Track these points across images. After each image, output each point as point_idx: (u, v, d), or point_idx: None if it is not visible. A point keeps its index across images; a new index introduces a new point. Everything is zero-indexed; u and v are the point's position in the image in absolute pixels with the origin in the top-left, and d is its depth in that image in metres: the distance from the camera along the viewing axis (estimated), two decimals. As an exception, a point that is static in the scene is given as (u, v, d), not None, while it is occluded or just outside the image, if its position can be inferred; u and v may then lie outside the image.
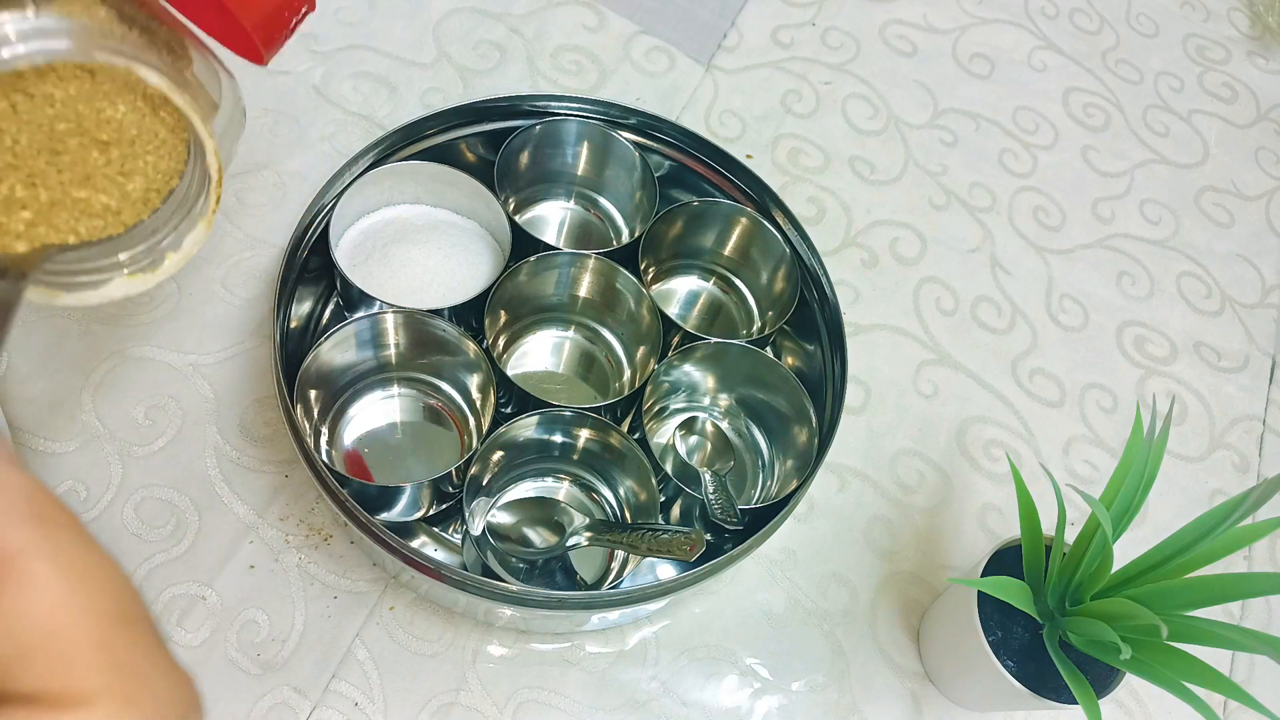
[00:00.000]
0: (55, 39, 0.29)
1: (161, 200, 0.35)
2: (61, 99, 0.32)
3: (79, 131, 0.32)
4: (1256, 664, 0.63)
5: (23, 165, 0.31)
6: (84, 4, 0.30)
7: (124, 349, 0.58)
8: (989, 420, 0.67)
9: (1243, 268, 0.80)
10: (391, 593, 0.54)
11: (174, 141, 0.35)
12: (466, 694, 0.52)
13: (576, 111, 0.64)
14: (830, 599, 0.59)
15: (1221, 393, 0.73)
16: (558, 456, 0.57)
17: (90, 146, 0.33)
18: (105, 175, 0.34)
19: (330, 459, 0.55)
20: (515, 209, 0.66)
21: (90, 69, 0.31)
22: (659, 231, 0.62)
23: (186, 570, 0.53)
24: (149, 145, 0.34)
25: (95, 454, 0.55)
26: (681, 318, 0.65)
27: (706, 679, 0.55)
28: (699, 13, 0.81)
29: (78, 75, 0.31)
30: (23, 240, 0.32)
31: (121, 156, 0.34)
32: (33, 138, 0.31)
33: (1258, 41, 0.94)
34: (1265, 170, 0.86)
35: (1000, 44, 0.87)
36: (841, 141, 0.78)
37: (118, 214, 0.34)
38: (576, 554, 0.55)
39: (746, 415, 0.62)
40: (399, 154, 0.60)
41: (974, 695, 0.55)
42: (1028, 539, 0.50)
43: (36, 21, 0.29)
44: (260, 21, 0.34)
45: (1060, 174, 0.81)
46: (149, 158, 0.35)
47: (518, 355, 0.62)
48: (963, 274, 0.73)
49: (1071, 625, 0.48)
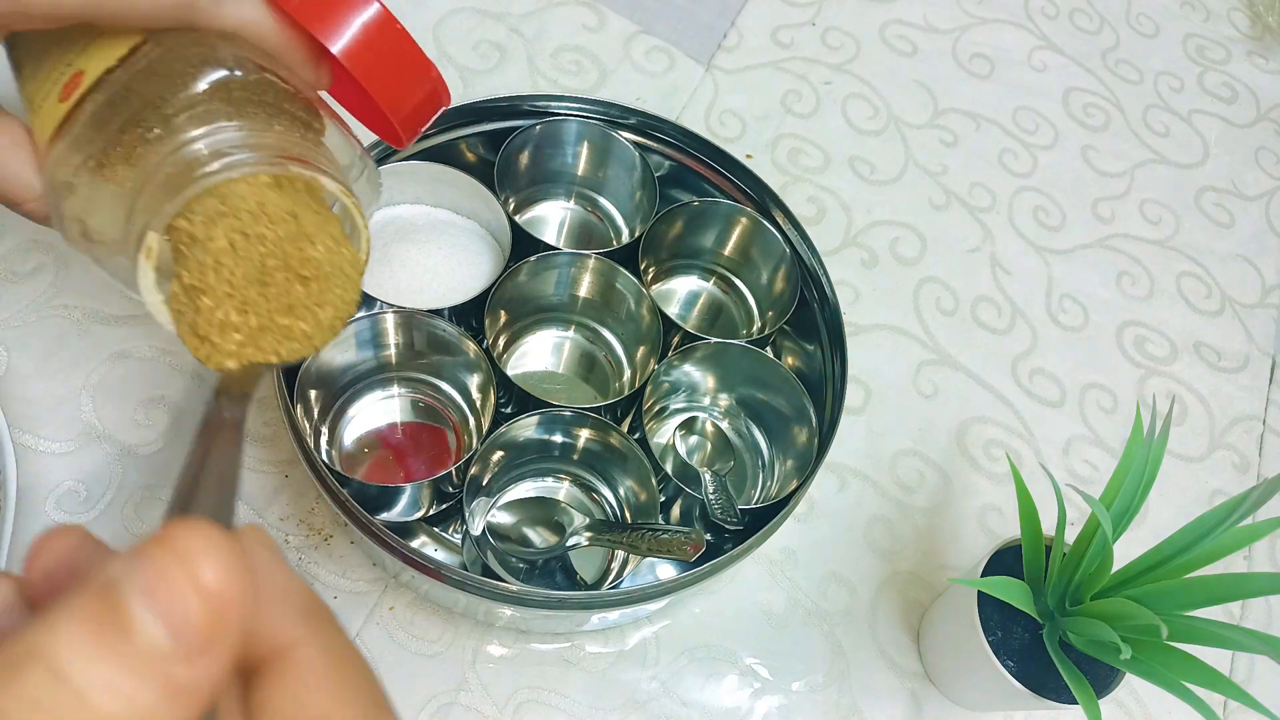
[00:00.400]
0: (244, 151, 0.34)
1: (343, 325, 0.40)
2: (272, 239, 0.37)
3: (285, 268, 0.37)
4: (1256, 664, 0.63)
5: (237, 294, 0.36)
6: (265, 117, 0.35)
7: (124, 349, 0.58)
8: (989, 420, 0.67)
9: (1243, 268, 0.80)
10: (391, 593, 0.54)
11: (355, 276, 0.41)
12: (466, 694, 0.52)
13: (576, 111, 0.64)
14: (830, 599, 0.59)
15: (1221, 393, 0.73)
16: (558, 456, 0.57)
17: (294, 280, 0.38)
18: (304, 305, 0.39)
19: (330, 459, 0.55)
20: (515, 209, 0.66)
21: (295, 213, 0.37)
22: (659, 231, 0.62)
23: (186, 570, 0.53)
24: (338, 280, 0.40)
25: (95, 454, 0.55)
26: (681, 318, 0.65)
27: (706, 679, 0.55)
28: (699, 13, 0.81)
29: (286, 219, 0.37)
30: (233, 359, 0.37)
31: (319, 289, 0.39)
32: (247, 272, 0.36)
33: (1258, 41, 0.94)
34: (1265, 170, 0.86)
35: (1000, 44, 0.87)
36: (841, 141, 0.78)
37: (311, 338, 0.39)
38: (576, 554, 0.55)
39: (746, 415, 0.62)
40: (399, 154, 0.60)
41: (974, 695, 0.55)
42: (1028, 539, 0.50)
43: (228, 135, 0.34)
44: (406, 118, 0.40)
45: (1060, 174, 0.81)
46: (338, 290, 0.40)
47: (518, 355, 0.62)
48: (963, 274, 0.73)
49: (1071, 625, 0.48)
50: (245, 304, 0.37)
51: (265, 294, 0.37)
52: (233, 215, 0.36)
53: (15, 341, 0.57)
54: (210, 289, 0.36)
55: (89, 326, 0.58)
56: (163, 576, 0.16)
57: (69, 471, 0.54)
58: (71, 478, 0.54)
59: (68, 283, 0.59)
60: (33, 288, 0.59)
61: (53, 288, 0.59)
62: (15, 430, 0.54)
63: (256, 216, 0.36)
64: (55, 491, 0.53)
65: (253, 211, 0.36)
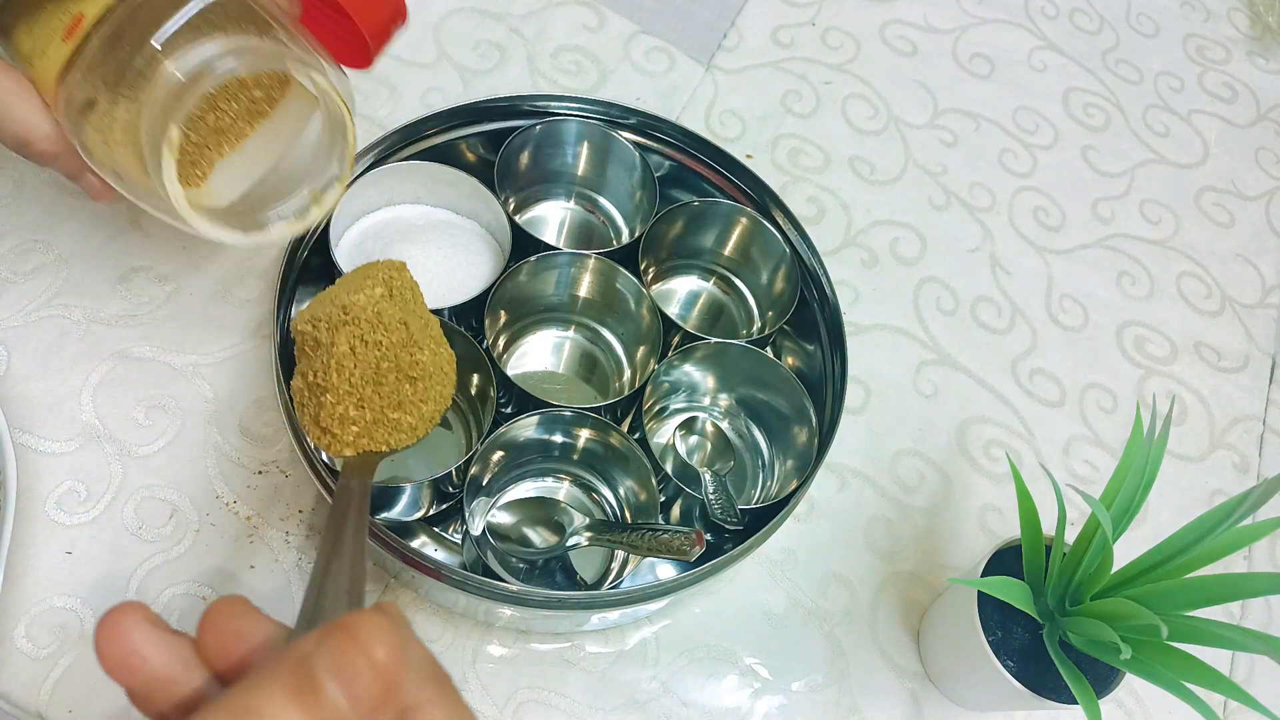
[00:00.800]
0: (235, 58, 0.38)
1: (440, 417, 0.47)
2: (386, 344, 0.43)
3: (396, 369, 0.43)
4: (1256, 664, 0.63)
5: (355, 392, 0.42)
6: (255, 33, 0.39)
7: (124, 349, 0.58)
8: (989, 420, 0.67)
9: (1243, 268, 0.80)
10: (391, 592, 0.54)
11: (451, 374, 0.48)
12: (466, 694, 0.52)
13: (576, 111, 0.64)
14: (830, 599, 0.59)
15: (1221, 393, 0.73)
16: (558, 456, 0.57)
17: (404, 380, 0.44)
18: (411, 401, 0.44)
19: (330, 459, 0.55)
20: (515, 209, 0.66)
21: (406, 321, 0.44)
22: (659, 231, 0.62)
23: (186, 570, 0.53)
24: (439, 379, 0.46)
25: (95, 454, 0.55)
26: (681, 318, 0.65)
27: (706, 679, 0.55)
28: (699, 13, 0.81)
29: (398, 327, 0.43)
30: (351, 449, 0.43)
31: (424, 388, 0.45)
32: (364, 373, 0.42)
33: (1258, 41, 0.94)
34: (1265, 170, 0.86)
35: (1000, 44, 0.87)
36: (841, 141, 0.78)
37: (415, 430, 0.45)
38: (576, 554, 0.55)
39: (746, 415, 0.62)
40: (399, 154, 0.60)
41: (974, 695, 0.55)
42: (1028, 539, 0.50)
43: (225, 44, 0.38)
44: (375, 30, 0.46)
45: (1060, 174, 0.81)
46: (438, 387, 0.46)
47: (518, 355, 0.62)
48: (963, 274, 0.73)
49: (1071, 625, 0.48)
50: (362, 401, 0.42)
51: (379, 392, 0.43)
52: (354, 324, 0.42)
53: (15, 341, 0.57)
54: (333, 387, 0.42)
55: (89, 326, 0.58)
56: (344, 655, 0.22)
57: (69, 471, 0.54)
58: (71, 478, 0.54)
59: (68, 283, 0.59)
60: (33, 288, 0.59)
61: (53, 288, 0.59)
62: (15, 430, 0.54)
63: (374, 325, 0.42)
64: (55, 491, 0.53)
65: (370, 320, 0.42)
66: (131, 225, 0.62)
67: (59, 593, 0.51)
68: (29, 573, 0.51)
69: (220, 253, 0.62)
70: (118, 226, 0.62)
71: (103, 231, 0.61)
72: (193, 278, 0.61)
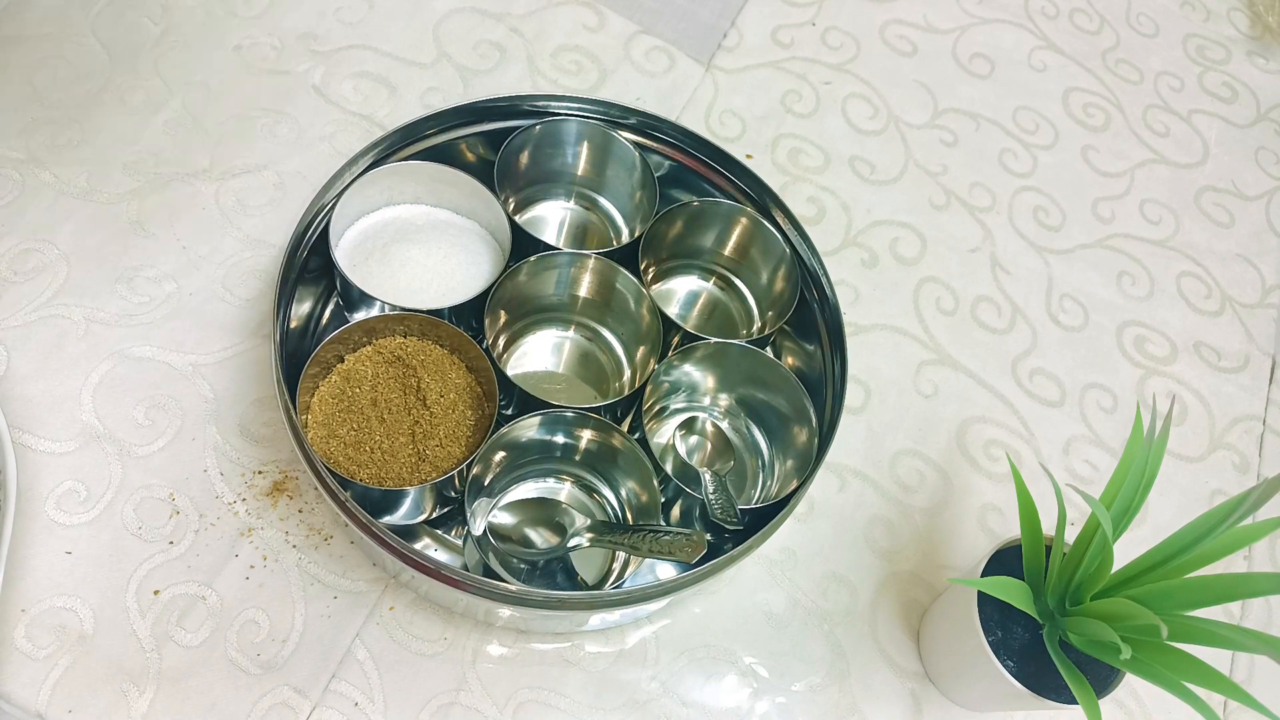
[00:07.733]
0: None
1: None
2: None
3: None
4: (1256, 664, 0.63)
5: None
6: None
7: (124, 349, 0.58)
8: (989, 420, 0.67)
9: (1243, 268, 0.80)
10: (391, 593, 0.54)
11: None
12: (466, 694, 0.52)
13: (576, 111, 0.64)
14: (830, 599, 0.59)
15: (1221, 393, 0.73)
16: (559, 457, 0.57)
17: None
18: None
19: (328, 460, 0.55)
20: (515, 209, 0.66)
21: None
22: (659, 231, 0.62)
23: (186, 570, 0.53)
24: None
25: (95, 454, 0.55)
26: (681, 318, 0.65)
27: (706, 679, 0.55)
28: (699, 13, 0.81)
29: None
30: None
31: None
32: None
33: (1258, 41, 0.94)
34: (1265, 170, 0.86)
35: (1000, 44, 0.87)
36: (841, 141, 0.78)
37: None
38: (577, 555, 0.55)
39: (746, 415, 0.62)
40: (399, 154, 0.60)
41: (974, 695, 0.55)
42: (1028, 539, 0.50)
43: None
44: None
45: (1060, 174, 0.81)
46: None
47: (518, 355, 0.62)
48: (963, 274, 0.73)
49: (1071, 625, 0.48)
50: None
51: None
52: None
53: (15, 341, 0.57)
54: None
55: (89, 326, 0.58)
56: None
57: (69, 471, 0.54)
58: (71, 478, 0.54)
59: (68, 283, 0.59)
60: (33, 288, 0.59)
61: (53, 288, 0.59)
62: (15, 430, 0.54)
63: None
64: (55, 491, 0.53)
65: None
66: (132, 225, 0.62)
67: (59, 593, 0.51)
68: (29, 573, 0.51)
69: (220, 253, 0.63)
70: (118, 227, 0.62)
71: (103, 231, 0.61)
72: (193, 278, 0.61)
